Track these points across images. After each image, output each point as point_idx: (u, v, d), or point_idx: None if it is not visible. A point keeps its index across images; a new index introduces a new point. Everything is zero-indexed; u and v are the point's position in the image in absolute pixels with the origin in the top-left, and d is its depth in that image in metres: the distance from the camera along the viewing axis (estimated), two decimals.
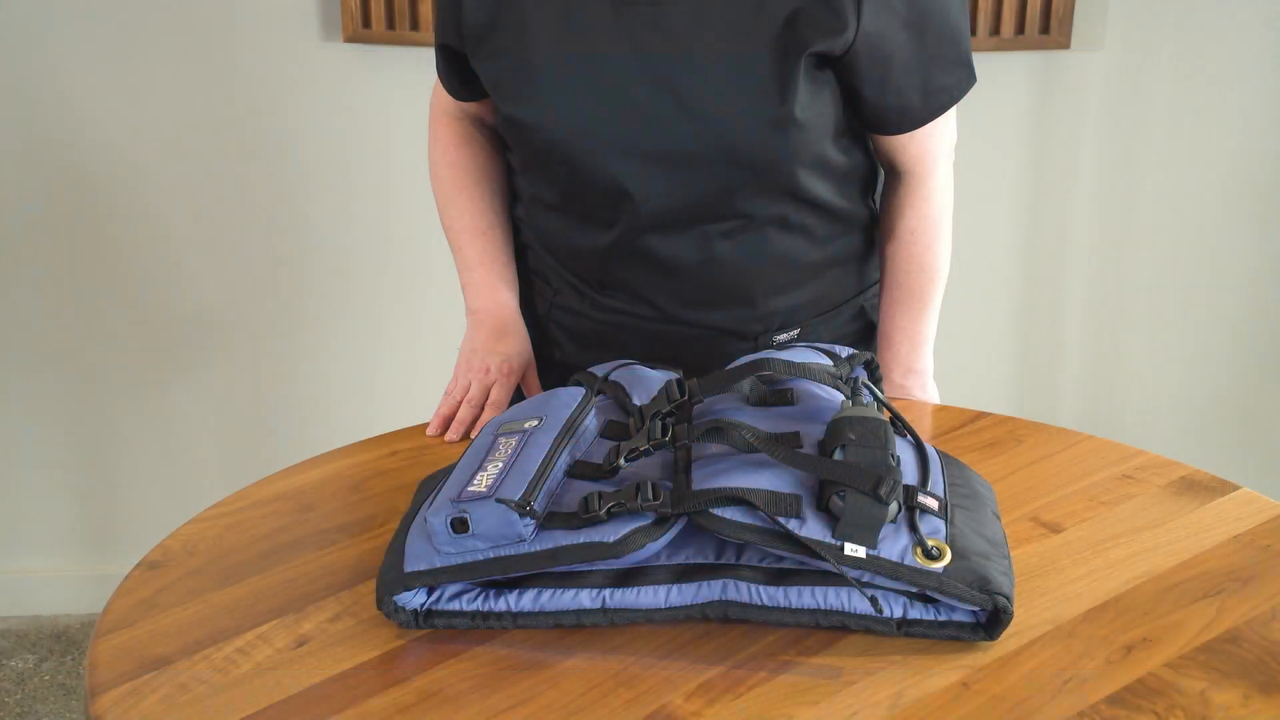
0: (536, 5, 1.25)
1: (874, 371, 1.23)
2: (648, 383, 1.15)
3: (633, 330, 1.39)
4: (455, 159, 1.45)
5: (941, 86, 1.28)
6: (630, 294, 1.37)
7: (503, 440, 1.03)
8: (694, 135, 1.23)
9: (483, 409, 1.32)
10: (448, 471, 1.07)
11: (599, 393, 1.16)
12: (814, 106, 1.24)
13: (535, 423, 1.05)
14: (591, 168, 1.27)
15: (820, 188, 1.30)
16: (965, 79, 1.30)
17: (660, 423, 1.03)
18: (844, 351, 1.20)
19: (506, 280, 1.44)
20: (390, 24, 2.29)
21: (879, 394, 1.10)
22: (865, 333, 1.47)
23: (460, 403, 1.33)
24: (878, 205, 1.43)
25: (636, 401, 1.12)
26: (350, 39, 2.30)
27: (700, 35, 1.21)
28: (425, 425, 1.32)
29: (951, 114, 1.34)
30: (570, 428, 1.05)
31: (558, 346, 1.46)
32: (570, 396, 1.11)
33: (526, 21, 1.25)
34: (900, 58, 1.24)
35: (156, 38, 2.31)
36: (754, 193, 1.27)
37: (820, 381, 1.10)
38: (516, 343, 1.41)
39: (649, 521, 0.94)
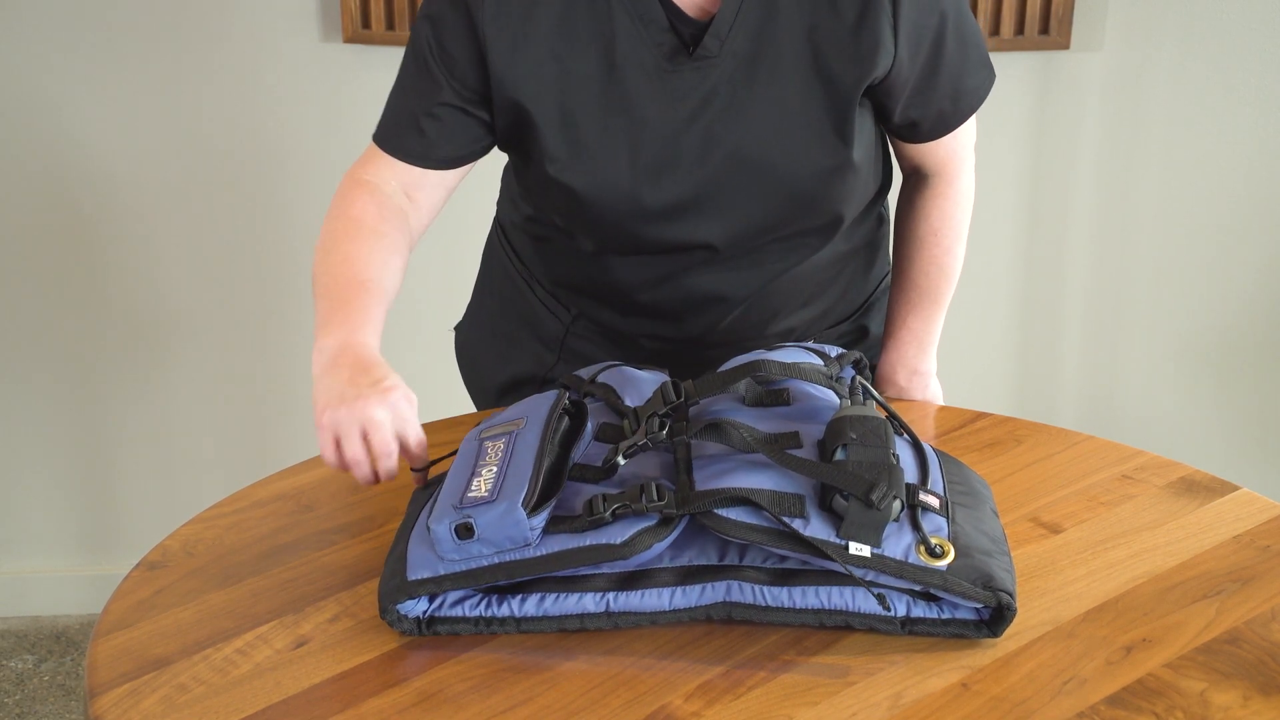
0: (576, 72, 1.20)
1: (863, 370, 1.23)
2: (639, 384, 1.13)
3: (649, 349, 1.37)
4: (361, 214, 1.26)
5: (970, 89, 1.30)
6: (657, 318, 1.35)
7: (489, 444, 1.02)
8: (748, 188, 1.22)
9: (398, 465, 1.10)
10: (437, 482, 1.06)
11: (587, 395, 1.15)
12: (862, 140, 1.24)
13: (518, 424, 1.04)
14: (640, 226, 1.25)
15: (854, 214, 1.31)
16: (988, 78, 1.31)
17: (658, 420, 1.03)
18: (833, 351, 1.19)
19: (374, 330, 1.15)
20: (390, 24, 2.29)
21: (875, 393, 1.10)
22: (857, 336, 1.46)
23: (374, 474, 1.07)
24: (893, 210, 1.43)
25: (629, 403, 1.10)
26: (350, 39, 2.29)
27: (750, 90, 1.20)
28: (425, 424, 1.31)
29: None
30: (552, 420, 1.03)
31: (579, 357, 1.41)
32: (546, 396, 1.10)
33: (566, 84, 1.21)
34: (931, 70, 1.24)
35: (155, 38, 2.31)
36: (801, 231, 1.27)
37: (813, 381, 1.10)
38: (386, 371, 1.10)
39: (654, 522, 0.94)
